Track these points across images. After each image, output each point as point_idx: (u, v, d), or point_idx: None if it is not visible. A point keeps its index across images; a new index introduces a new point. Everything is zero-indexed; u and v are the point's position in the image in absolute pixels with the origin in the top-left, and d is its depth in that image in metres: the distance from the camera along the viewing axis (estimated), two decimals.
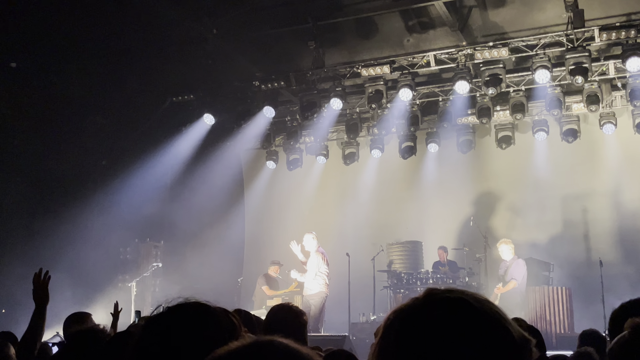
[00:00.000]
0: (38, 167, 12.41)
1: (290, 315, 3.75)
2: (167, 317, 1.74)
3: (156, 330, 1.73)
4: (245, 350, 1.03)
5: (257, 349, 1.03)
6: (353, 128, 14.05)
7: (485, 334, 1.19)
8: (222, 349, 1.05)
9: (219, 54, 12.63)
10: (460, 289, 1.28)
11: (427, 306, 1.23)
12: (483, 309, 1.22)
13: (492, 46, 11.71)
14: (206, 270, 13.28)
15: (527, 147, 13.45)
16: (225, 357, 1.03)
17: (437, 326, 1.19)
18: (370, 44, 12.91)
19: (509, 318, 1.25)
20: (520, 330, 1.24)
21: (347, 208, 14.55)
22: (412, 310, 1.24)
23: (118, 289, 12.78)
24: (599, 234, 13.01)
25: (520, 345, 1.21)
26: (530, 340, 1.24)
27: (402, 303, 1.28)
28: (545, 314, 11.02)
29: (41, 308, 4.24)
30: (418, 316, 1.22)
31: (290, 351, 1.02)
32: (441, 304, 1.23)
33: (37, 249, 11.13)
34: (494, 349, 1.18)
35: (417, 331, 1.20)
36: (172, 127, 14.08)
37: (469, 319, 1.20)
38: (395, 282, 12.56)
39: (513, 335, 1.21)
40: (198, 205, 14.20)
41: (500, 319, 1.22)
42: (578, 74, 11.26)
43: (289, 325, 3.56)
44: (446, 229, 13.79)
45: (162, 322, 1.74)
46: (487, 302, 1.24)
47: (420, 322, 1.21)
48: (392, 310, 1.28)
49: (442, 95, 13.28)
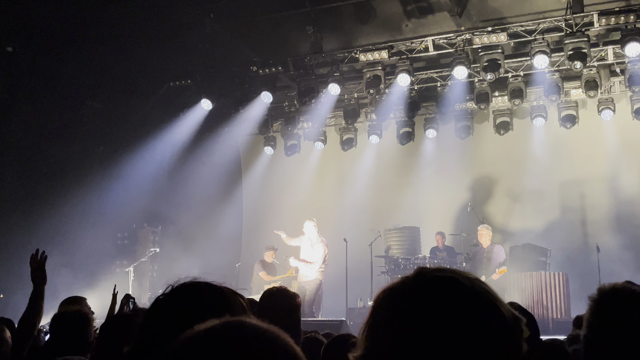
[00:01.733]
0: (35, 153, 12.38)
1: (283, 298, 3.76)
2: (175, 297, 1.70)
3: (166, 310, 1.69)
4: (215, 330, 1.01)
5: (226, 329, 1.01)
6: (351, 114, 14.02)
7: (476, 312, 1.18)
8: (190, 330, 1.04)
9: (216, 38, 12.56)
10: (451, 269, 1.26)
11: (417, 285, 1.22)
12: (474, 288, 1.21)
13: (490, 31, 11.66)
14: (204, 256, 13.29)
15: (525, 133, 13.44)
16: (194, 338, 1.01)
17: (427, 305, 1.18)
18: (368, 29, 12.84)
19: (500, 297, 1.24)
20: (511, 309, 1.23)
21: (345, 194, 14.55)
22: (402, 289, 1.23)
23: (115, 274, 12.80)
24: (597, 219, 13.02)
25: (511, 324, 1.20)
26: (520, 319, 1.23)
27: (392, 282, 1.27)
28: (542, 299, 11.05)
29: (40, 288, 4.25)
30: (408, 295, 1.21)
31: (258, 330, 1.01)
32: (432, 282, 1.22)
33: (35, 235, 11.12)
34: (485, 328, 1.17)
35: (407, 310, 1.19)
36: (170, 112, 14.04)
37: (459, 297, 1.19)
38: (392, 268, 12.58)
39: (504, 314, 1.20)
40: (196, 190, 14.20)
41: (491, 298, 1.21)
42: (577, 60, 11.22)
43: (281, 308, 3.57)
44: (444, 214, 13.80)
45: (170, 302, 1.70)
46: (477, 281, 1.23)
47: (410, 300, 1.19)
48: (381, 289, 1.27)
49: (441, 80, 13.24)
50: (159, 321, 1.68)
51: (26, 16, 11.17)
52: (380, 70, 12.69)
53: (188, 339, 1.03)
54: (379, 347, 1.21)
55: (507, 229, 13.38)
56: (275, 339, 1.01)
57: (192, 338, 1.03)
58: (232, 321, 1.04)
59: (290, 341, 1.02)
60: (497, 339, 1.17)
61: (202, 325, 1.05)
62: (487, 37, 11.69)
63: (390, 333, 1.19)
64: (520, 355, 1.20)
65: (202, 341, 1.01)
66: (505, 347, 1.18)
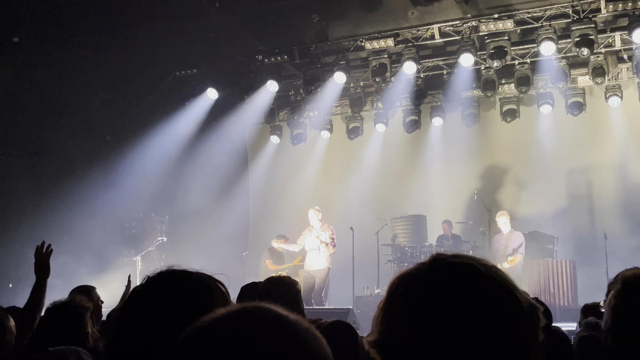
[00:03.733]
0: (42, 143, 12.40)
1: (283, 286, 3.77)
2: (150, 288, 1.68)
3: (139, 302, 1.68)
4: (232, 316, 1.00)
5: (243, 315, 1.00)
6: (357, 102, 13.99)
7: (492, 299, 1.17)
8: (207, 316, 1.02)
9: (221, 28, 12.53)
10: (466, 255, 1.26)
11: (433, 271, 1.22)
12: (490, 274, 1.20)
13: (497, 18, 11.60)
14: (211, 245, 13.32)
15: (532, 121, 13.39)
16: (211, 324, 1.00)
17: (443, 291, 1.17)
18: (374, 16, 12.78)
19: (516, 284, 1.24)
20: (528, 297, 1.23)
21: (352, 182, 14.54)
22: (417, 275, 1.23)
23: (123, 263, 12.84)
24: (604, 207, 12.99)
25: (528, 312, 1.20)
26: (537, 307, 1.23)
27: (407, 268, 1.26)
28: (550, 286, 11.05)
29: (41, 281, 4.24)
30: (424, 281, 1.21)
31: (278, 316, 1.00)
32: (447, 268, 1.22)
33: (43, 225, 11.16)
34: (502, 315, 1.17)
35: (422, 296, 1.19)
36: (176, 102, 14.04)
37: (476, 284, 1.18)
38: (399, 256, 12.59)
39: (521, 302, 1.20)
40: (202, 180, 14.21)
41: (508, 285, 1.21)
42: (584, 46, 11.15)
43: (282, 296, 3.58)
44: (450, 202, 13.77)
45: (145, 293, 1.69)
46: (494, 267, 1.23)
47: (426, 287, 1.19)
48: (396, 274, 1.27)
49: (447, 68, 13.19)
50: (136, 312, 1.66)
51: (32, 6, 11.16)
52: (386, 59, 12.64)
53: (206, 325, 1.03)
54: (394, 332, 1.21)
55: (514, 217, 13.31)
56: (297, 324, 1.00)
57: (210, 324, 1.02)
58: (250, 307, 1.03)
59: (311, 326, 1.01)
60: (513, 326, 1.17)
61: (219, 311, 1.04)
62: (493, 24, 11.63)
63: (406, 318, 1.19)
64: (536, 343, 1.20)
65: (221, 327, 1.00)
66: (522, 335, 1.18)
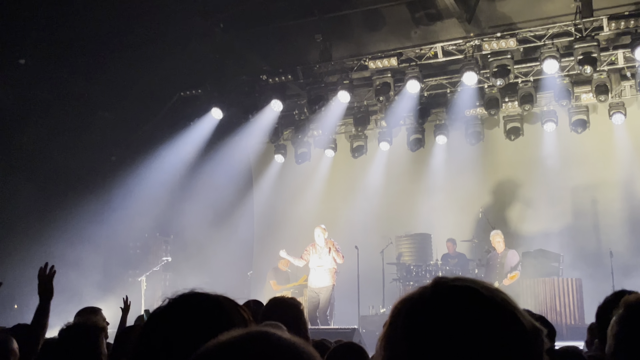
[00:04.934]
0: (47, 164, 12.46)
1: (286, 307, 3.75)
2: (171, 310, 1.66)
3: (160, 324, 1.65)
4: (238, 341, 1.00)
5: (250, 340, 1.00)
6: (361, 121, 14.03)
7: (495, 323, 1.17)
8: (213, 341, 1.02)
9: (226, 48, 12.63)
10: (469, 278, 1.26)
11: (435, 295, 1.22)
12: (493, 297, 1.20)
13: (499, 37, 11.65)
14: (216, 264, 13.32)
15: (536, 138, 13.38)
16: (217, 349, 1.00)
17: (446, 315, 1.18)
18: (377, 36, 12.87)
19: (520, 307, 1.24)
20: (532, 320, 1.23)
21: (356, 201, 14.54)
22: (420, 299, 1.23)
23: (128, 283, 12.83)
24: (610, 224, 12.94)
25: (532, 335, 1.20)
26: (541, 330, 1.22)
27: (410, 291, 1.27)
28: (556, 305, 11.00)
29: (45, 303, 4.22)
30: (426, 305, 1.21)
31: (285, 342, 1.00)
32: (450, 292, 1.22)
33: (47, 245, 11.18)
34: (505, 339, 1.16)
35: (425, 320, 1.19)
36: (181, 122, 14.10)
37: (478, 307, 1.18)
38: (404, 275, 12.55)
39: (524, 325, 1.20)
40: (207, 199, 14.22)
41: (510, 308, 1.21)
42: (587, 64, 11.18)
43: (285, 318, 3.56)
44: (455, 221, 13.74)
45: (166, 315, 1.66)
46: (496, 291, 1.23)
47: (428, 311, 1.20)
48: (399, 299, 1.27)
49: (450, 87, 13.23)
50: (156, 334, 1.64)
51: (38, 29, 11.27)
52: (390, 77, 12.69)
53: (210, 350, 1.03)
54: (397, 357, 1.21)
55: (519, 235, 13.31)
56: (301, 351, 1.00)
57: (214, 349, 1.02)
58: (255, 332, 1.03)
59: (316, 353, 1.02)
60: (517, 350, 1.17)
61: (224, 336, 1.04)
62: (496, 42, 11.68)
63: (409, 344, 1.19)
64: None
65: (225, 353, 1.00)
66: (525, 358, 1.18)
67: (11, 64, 11.66)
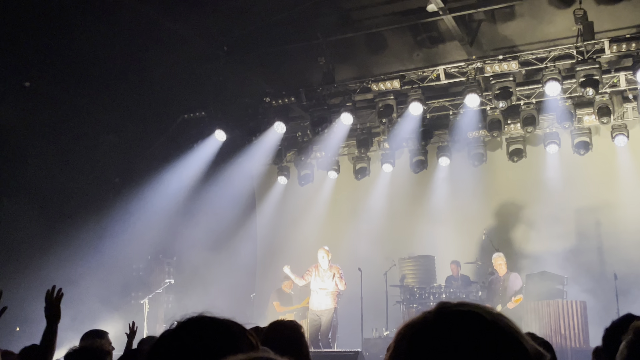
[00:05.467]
0: (51, 185, 12.49)
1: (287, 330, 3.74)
2: (180, 333, 1.67)
3: (168, 347, 1.66)
4: None
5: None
6: (364, 143, 14.07)
7: (498, 348, 1.18)
8: None
9: (230, 70, 12.72)
10: (473, 303, 1.27)
11: (439, 320, 1.22)
12: (496, 322, 1.21)
13: (501, 59, 11.71)
14: (219, 286, 13.27)
15: (539, 160, 13.40)
16: None
17: (449, 340, 1.18)
18: (380, 58, 12.95)
19: (523, 332, 1.24)
20: (535, 345, 1.23)
21: (359, 222, 14.52)
22: (423, 324, 1.23)
23: (131, 305, 12.79)
24: (614, 246, 12.89)
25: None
26: (545, 355, 1.23)
27: (413, 317, 1.27)
28: (560, 327, 10.92)
29: (53, 325, 4.22)
30: (430, 330, 1.21)
31: None
32: (453, 317, 1.22)
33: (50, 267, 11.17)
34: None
35: (429, 346, 1.19)
36: (184, 144, 14.15)
37: (482, 333, 1.19)
38: (408, 297, 12.50)
39: (527, 350, 1.20)
40: (210, 221, 14.22)
41: (514, 333, 1.21)
42: (589, 86, 11.23)
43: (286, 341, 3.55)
44: (458, 242, 13.72)
45: (175, 338, 1.67)
46: (500, 316, 1.23)
47: (432, 336, 1.20)
48: (403, 324, 1.28)
49: (453, 109, 13.28)
50: (164, 357, 1.65)
51: (43, 52, 11.37)
52: (393, 100, 12.75)
53: None
54: None
55: (523, 256, 13.28)
56: None
57: None
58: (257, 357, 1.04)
59: None
60: None
61: None
62: (498, 65, 11.74)
63: None
64: None
65: None
66: None
67: (17, 87, 11.75)
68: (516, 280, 11.57)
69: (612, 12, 11.35)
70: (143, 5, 10.70)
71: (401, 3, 11.35)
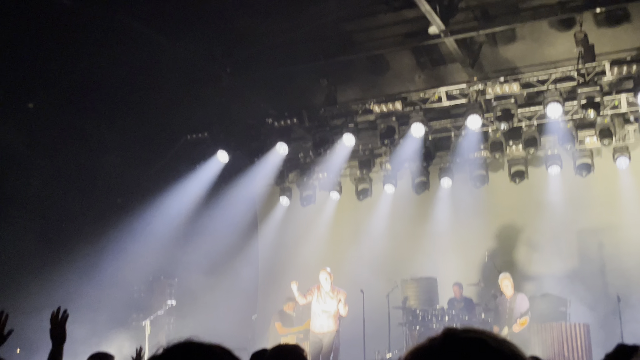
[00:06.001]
0: (53, 206, 12.50)
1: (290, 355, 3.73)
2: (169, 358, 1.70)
3: None
4: None
5: None
6: (366, 164, 14.09)
7: None
8: None
9: (232, 92, 12.78)
10: (479, 329, 1.27)
11: (445, 346, 1.23)
12: (501, 349, 1.21)
13: (503, 81, 11.75)
14: (221, 308, 13.22)
15: (541, 181, 13.40)
16: None
17: None
18: (382, 80, 13.01)
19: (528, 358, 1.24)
20: None
21: (361, 244, 14.50)
22: (429, 350, 1.24)
23: (132, 327, 12.73)
24: (617, 268, 12.84)
25: None
26: None
27: (419, 342, 1.27)
28: (563, 350, 10.85)
29: (58, 347, 4.22)
30: (435, 356, 1.21)
31: None
32: (459, 344, 1.22)
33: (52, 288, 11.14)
34: None
35: None
36: (187, 165, 14.17)
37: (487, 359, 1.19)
38: (410, 319, 12.42)
39: None
40: (212, 242, 14.20)
41: None
42: (590, 108, 11.26)
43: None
44: (461, 264, 13.68)
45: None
46: (505, 342, 1.23)
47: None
48: (408, 350, 1.28)
49: (455, 130, 13.31)
50: None
51: (47, 73, 11.44)
52: (394, 121, 12.77)
53: None
54: None
55: (525, 278, 13.23)
56: None
57: None
58: None
59: None
60: None
61: None
62: (499, 87, 11.77)
63: None
64: None
65: None
66: None
67: (20, 108, 11.81)
68: (523, 302, 11.45)
69: (613, 35, 11.42)
70: (146, 28, 10.78)
71: (403, 25, 11.43)
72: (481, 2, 10.94)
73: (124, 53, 11.34)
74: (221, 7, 10.76)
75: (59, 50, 10.86)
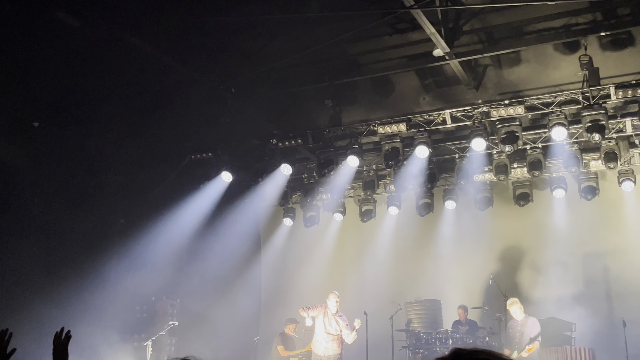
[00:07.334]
0: (57, 225, 12.49)
1: None
2: None
3: None
4: None
5: None
6: (370, 185, 14.07)
7: None
8: None
9: (237, 112, 12.81)
10: (487, 350, 1.25)
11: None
12: None
13: (508, 104, 11.76)
14: (222, 329, 13.14)
15: (545, 204, 13.36)
16: None
17: None
18: (386, 102, 13.03)
19: None
20: None
21: (365, 265, 14.44)
22: None
23: (134, 347, 12.64)
24: (622, 292, 12.75)
25: None
26: None
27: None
28: None
29: None
30: None
31: None
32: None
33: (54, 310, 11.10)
34: None
35: None
36: (191, 185, 14.17)
37: None
38: (414, 342, 12.32)
39: None
40: (215, 262, 14.16)
41: None
42: (595, 132, 11.24)
43: None
44: (465, 287, 13.60)
45: None
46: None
47: None
48: None
49: (459, 152, 13.30)
50: None
51: (53, 92, 11.49)
52: (399, 143, 12.76)
53: None
54: None
55: (530, 302, 13.13)
56: None
57: None
58: None
59: None
60: None
61: None
62: (504, 109, 11.77)
63: None
64: None
65: None
66: None
67: (25, 127, 11.85)
68: (534, 326, 11.28)
69: (618, 59, 11.44)
70: (152, 48, 10.84)
71: (408, 47, 11.48)
72: (486, 25, 10.99)
73: (129, 73, 11.39)
74: (227, 28, 10.83)
75: (64, 70, 10.91)
